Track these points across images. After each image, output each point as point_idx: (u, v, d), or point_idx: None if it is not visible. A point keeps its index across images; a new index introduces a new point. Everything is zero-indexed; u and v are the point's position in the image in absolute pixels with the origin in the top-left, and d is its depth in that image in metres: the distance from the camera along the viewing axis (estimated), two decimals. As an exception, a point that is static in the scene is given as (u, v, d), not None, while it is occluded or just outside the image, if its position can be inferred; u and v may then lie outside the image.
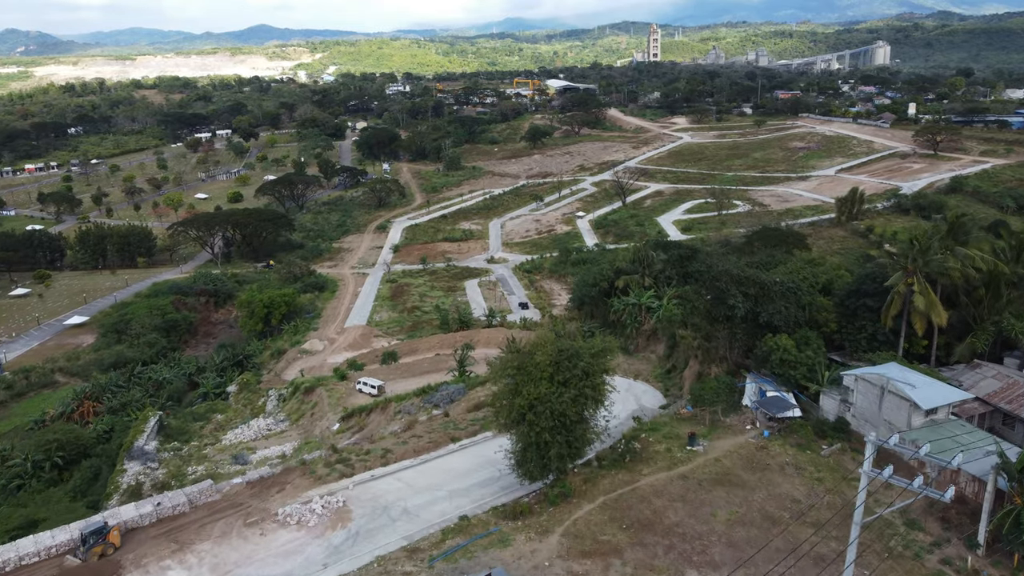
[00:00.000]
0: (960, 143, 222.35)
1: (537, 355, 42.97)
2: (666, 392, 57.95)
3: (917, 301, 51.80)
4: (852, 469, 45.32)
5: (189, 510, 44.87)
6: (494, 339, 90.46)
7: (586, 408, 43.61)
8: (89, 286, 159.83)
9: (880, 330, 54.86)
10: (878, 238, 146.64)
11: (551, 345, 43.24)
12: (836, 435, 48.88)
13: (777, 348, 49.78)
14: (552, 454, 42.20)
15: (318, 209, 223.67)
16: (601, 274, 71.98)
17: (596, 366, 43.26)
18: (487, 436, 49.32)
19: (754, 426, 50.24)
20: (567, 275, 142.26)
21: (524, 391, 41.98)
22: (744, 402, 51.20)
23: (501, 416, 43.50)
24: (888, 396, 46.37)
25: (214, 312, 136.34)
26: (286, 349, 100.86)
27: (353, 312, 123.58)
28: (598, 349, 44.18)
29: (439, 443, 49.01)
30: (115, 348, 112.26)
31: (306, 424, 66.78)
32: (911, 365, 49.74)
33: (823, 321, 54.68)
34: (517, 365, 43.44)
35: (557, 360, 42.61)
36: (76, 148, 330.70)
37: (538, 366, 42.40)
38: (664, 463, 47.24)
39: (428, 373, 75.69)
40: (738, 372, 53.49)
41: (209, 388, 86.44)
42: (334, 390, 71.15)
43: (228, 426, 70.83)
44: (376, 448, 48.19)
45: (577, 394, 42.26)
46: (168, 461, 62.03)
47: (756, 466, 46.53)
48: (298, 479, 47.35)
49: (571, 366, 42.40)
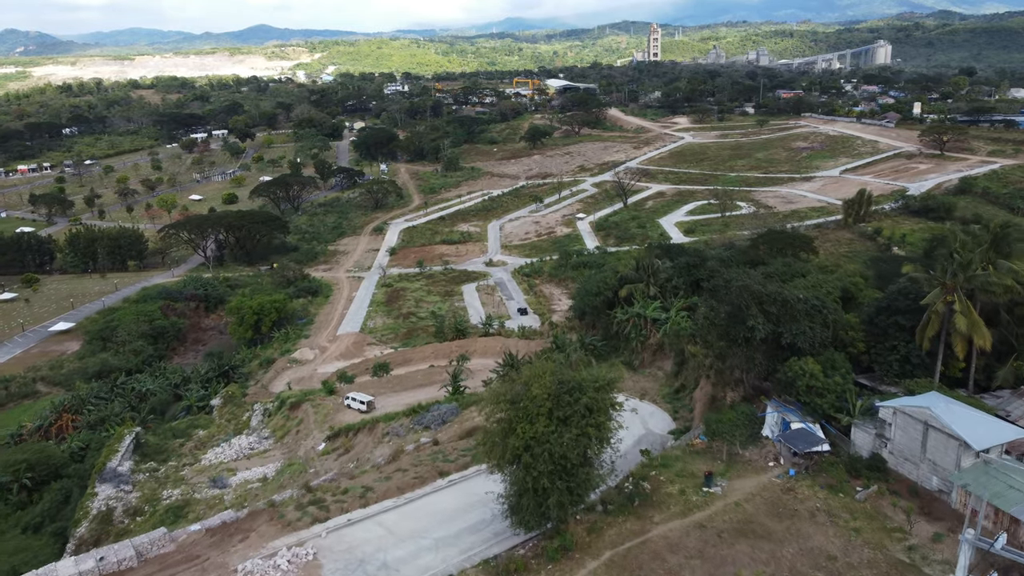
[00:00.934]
0: (967, 143, 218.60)
1: (533, 387, 38.06)
2: (675, 414, 53.21)
3: (959, 322, 47.05)
4: (892, 517, 40.53)
5: (138, 565, 39.25)
6: (491, 349, 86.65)
7: (590, 448, 38.85)
8: (78, 290, 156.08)
9: (914, 352, 49.93)
10: (886, 241, 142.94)
11: (549, 376, 38.46)
12: (871, 475, 43.88)
13: (802, 373, 44.63)
14: (551, 502, 37.51)
15: (314, 211, 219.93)
16: (603, 282, 67.72)
17: (601, 401, 38.63)
18: (479, 470, 44.14)
19: (777, 462, 45.27)
20: (567, 279, 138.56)
21: (519, 429, 37.25)
22: (764, 432, 46.20)
23: (493, 456, 38.58)
24: (933, 433, 41.64)
25: (204, 318, 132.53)
26: (275, 358, 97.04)
27: (347, 318, 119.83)
28: (603, 382, 39.39)
29: (426, 478, 44.62)
30: (99, 356, 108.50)
31: (291, 442, 63.00)
32: (950, 393, 45.08)
33: (849, 341, 49.88)
34: (511, 399, 38.62)
35: (556, 394, 37.86)
36: (70, 149, 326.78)
37: (534, 400, 37.58)
38: (678, 508, 42.19)
39: (421, 386, 71.93)
40: (755, 397, 48.75)
41: (192, 401, 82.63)
42: (321, 406, 67.33)
43: (210, 443, 67.04)
44: (355, 486, 43.51)
45: (579, 433, 37.60)
46: (143, 484, 58.30)
47: (783, 512, 41.29)
48: (264, 525, 41.99)
49: (572, 401, 37.75)
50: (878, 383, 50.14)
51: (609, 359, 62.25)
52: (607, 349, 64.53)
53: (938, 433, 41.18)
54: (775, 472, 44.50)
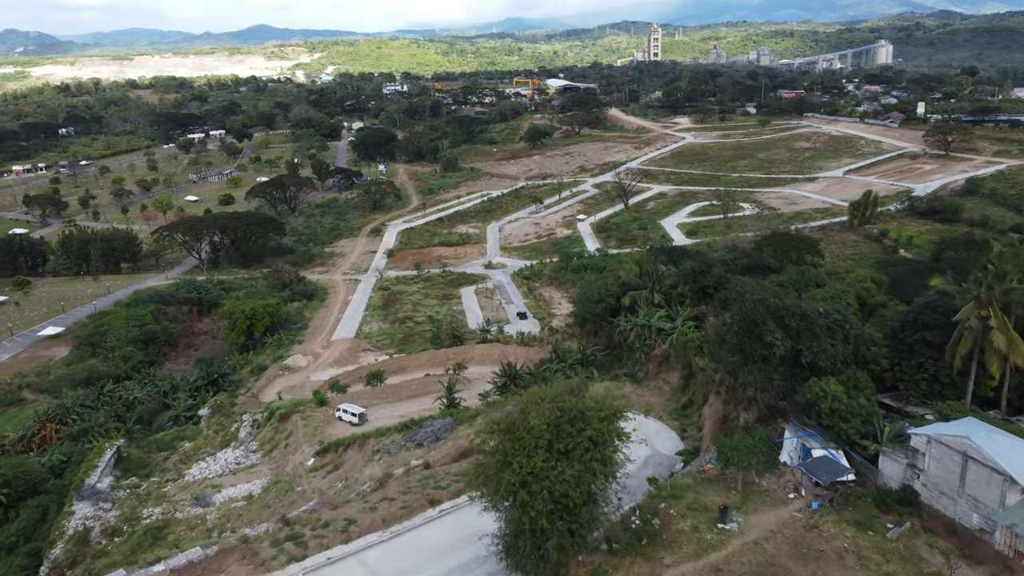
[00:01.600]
0: (972, 143, 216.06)
1: (531, 416, 34.19)
2: (683, 432, 49.67)
3: (996, 339, 43.77)
4: (929, 560, 36.87)
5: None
6: (489, 356, 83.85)
7: (594, 484, 34.89)
8: (70, 293, 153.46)
9: (944, 370, 46.33)
10: (893, 243, 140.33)
11: (549, 404, 34.69)
12: (903, 510, 40.00)
13: (824, 396, 40.70)
14: (550, 544, 33.74)
15: (311, 212, 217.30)
16: (606, 289, 64.68)
17: (607, 433, 34.85)
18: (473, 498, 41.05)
19: (798, 493, 41.19)
20: (568, 282, 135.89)
21: (515, 463, 33.38)
22: (783, 459, 42.53)
23: (486, 491, 34.71)
24: (973, 465, 37.73)
25: (197, 322, 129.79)
26: (267, 365, 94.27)
27: (342, 323, 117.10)
28: (609, 411, 35.46)
29: (415, 508, 41.41)
30: (88, 362, 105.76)
31: (279, 457, 60.27)
32: (983, 416, 41.53)
33: (872, 357, 46.17)
34: (505, 428, 34.80)
35: (556, 423, 34.04)
36: (66, 149, 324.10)
37: (532, 431, 33.70)
38: (691, 548, 38.14)
39: (416, 397, 69.22)
40: (770, 418, 45.13)
41: (180, 411, 79.84)
42: (311, 418, 64.53)
43: (196, 457, 64.29)
44: (337, 518, 40.28)
45: (583, 470, 33.76)
46: (123, 501, 55.59)
47: (807, 554, 37.28)
48: (236, 566, 38.31)
49: (575, 432, 34.02)
50: (904, 404, 46.54)
51: (611, 370, 59.52)
52: (609, 359, 61.69)
53: (979, 466, 37.43)
54: (796, 505, 40.65)
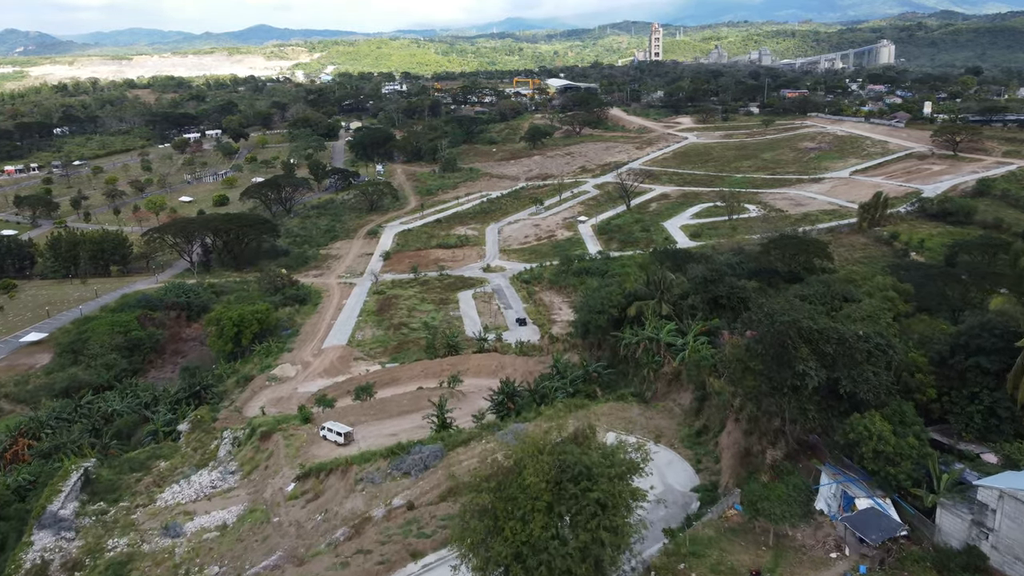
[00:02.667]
0: (981, 143, 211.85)
1: (526, 471, 28.28)
2: (698, 463, 44.24)
3: None
4: None
5: None
6: (485, 367, 79.62)
7: (603, 556, 28.71)
8: (56, 297, 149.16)
9: (1002, 402, 40.50)
10: (904, 246, 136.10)
11: (547, 457, 28.65)
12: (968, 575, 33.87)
13: (869, 435, 34.67)
14: None
15: (307, 213, 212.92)
16: (609, 298, 60.01)
17: (619, 495, 28.74)
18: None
19: (841, 552, 35.12)
20: (569, 286, 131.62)
21: (507, 528, 27.66)
22: (819, 506, 36.69)
23: (473, 561, 28.83)
24: None
25: (185, 327, 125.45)
26: (254, 375, 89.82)
27: (334, 329, 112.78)
28: (621, 467, 29.53)
29: (393, 563, 36.20)
30: (69, 371, 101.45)
31: (258, 480, 55.93)
32: None
33: (916, 386, 40.02)
34: (496, 485, 29.06)
35: (557, 480, 28.27)
36: (60, 149, 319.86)
37: (527, 490, 28.01)
38: None
39: (406, 413, 64.96)
40: (800, 454, 39.24)
41: (159, 426, 75.54)
42: (294, 436, 60.18)
43: (171, 478, 60.03)
44: None
45: (589, 540, 27.98)
46: (87, 530, 51.34)
47: None
48: None
49: (579, 493, 28.14)
50: (955, 440, 40.43)
51: (616, 388, 55.12)
52: (614, 376, 57.27)
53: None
54: (840, 568, 34.53)
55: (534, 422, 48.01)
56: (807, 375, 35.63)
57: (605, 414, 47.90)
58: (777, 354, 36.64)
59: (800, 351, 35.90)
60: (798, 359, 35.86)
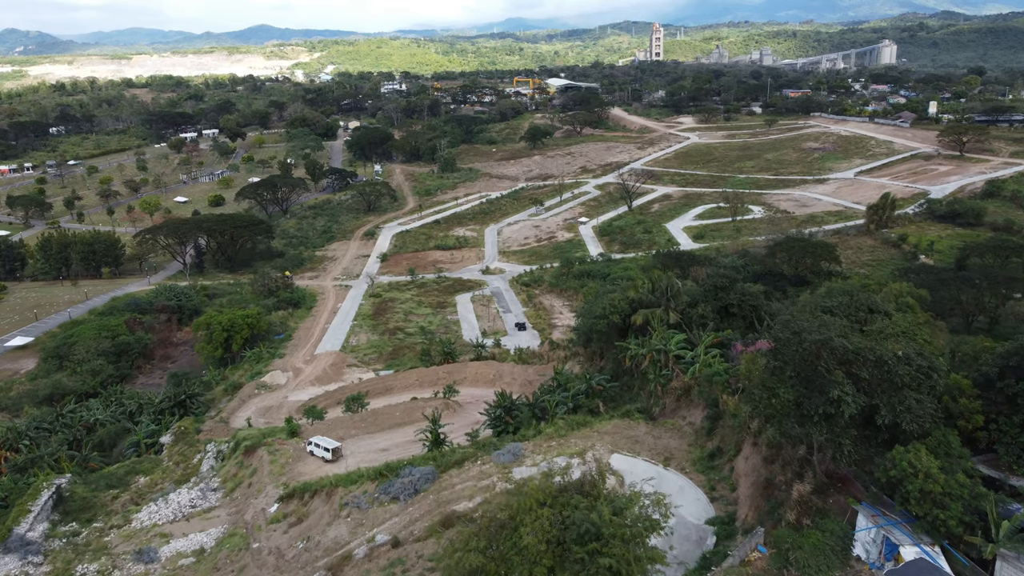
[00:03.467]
0: (988, 144, 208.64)
1: (523, 528, 24.41)
2: (712, 490, 40.07)
3: None
4: None
5: None
6: (483, 376, 76.35)
7: None
8: (46, 299, 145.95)
9: None
10: (912, 248, 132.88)
11: (547, 512, 24.67)
12: None
13: (914, 472, 30.56)
14: None
15: (303, 214, 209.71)
16: (613, 305, 56.41)
17: (635, 561, 24.56)
18: None
19: None
20: (569, 289, 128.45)
21: None
22: (857, 552, 32.26)
23: None
24: None
25: (176, 332, 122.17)
26: (243, 383, 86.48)
27: (328, 334, 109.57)
28: (637, 526, 25.57)
29: None
30: (53, 377, 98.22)
31: (240, 499, 52.62)
32: None
33: (959, 411, 35.84)
34: (484, 545, 25.10)
35: (560, 539, 24.37)
36: (55, 148, 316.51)
37: (525, 552, 24.23)
38: None
39: (400, 426, 61.76)
40: (829, 488, 34.63)
41: (141, 437, 72.23)
42: (279, 452, 56.81)
43: (149, 496, 56.73)
44: None
45: None
46: (56, 554, 48.07)
47: None
48: None
49: (586, 557, 24.04)
50: (1007, 474, 35.81)
51: (621, 403, 51.73)
52: (618, 389, 53.92)
53: None
54: None
55: (533, 441, 44.82)
56: (843, 402, 31.29)
57: (609, 432, 44.59)
58: (807, 378, 32.46)
59: (835, 375, 31.61)
60: (832, 384, 31.57)
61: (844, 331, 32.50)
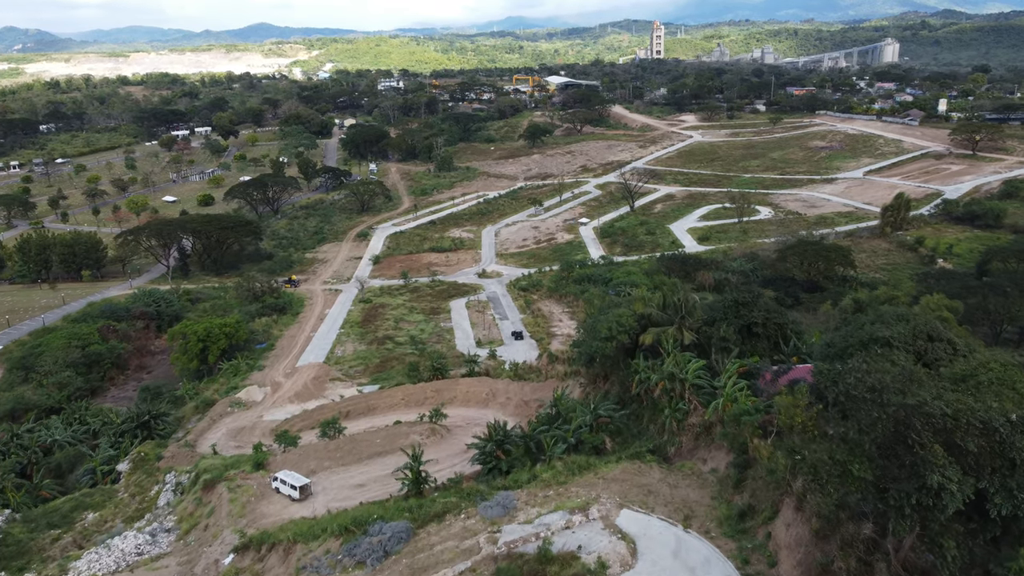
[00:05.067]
0: (1001, 142, 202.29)
1: None
2: (745, 564, 31.29)
3: None
4: None
5: None
6: (475, 394, 69.89)
7: None
8: (22, 304, 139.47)
9: None
10: (930, 252, 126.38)
11: None
12: None
13: None
14: None
15: (295, 214, 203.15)
16: (620, 324, 49.56)
17: None
18: None
19: None
20: (569, 295, 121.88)
21: None
22: None
23: None
24: None
25: (154, 339, 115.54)
26: (215, 400, 79.79)
27: (313, 343, 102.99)
28: None
29: None
30: (17, 390, 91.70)
31: (194, 546, 45.99)
32: None
33: None
34: None
35: None
36: (44, 147, 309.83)
37: None
38: None
39: (379, 455, 55.14)
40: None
41: (97, 463, 65.72)
42: (242, 488, 50.15)
43: (95, 537, 50.20)
44: None
45: None
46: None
47: None
48: None
49: None
50: None
51: (630, 438, 44.80)
52: (626, 420, 46.95)
53: None
54: None
55: (527, 489, 38.20)
56: (945, 491, 23.17)
57: (617, 479, 37.79)
58: (894, 455, 24.13)
59: (932, 451, 23.41)
60: (930, 465, 23.40)
61: (939, 390, 24.74)
